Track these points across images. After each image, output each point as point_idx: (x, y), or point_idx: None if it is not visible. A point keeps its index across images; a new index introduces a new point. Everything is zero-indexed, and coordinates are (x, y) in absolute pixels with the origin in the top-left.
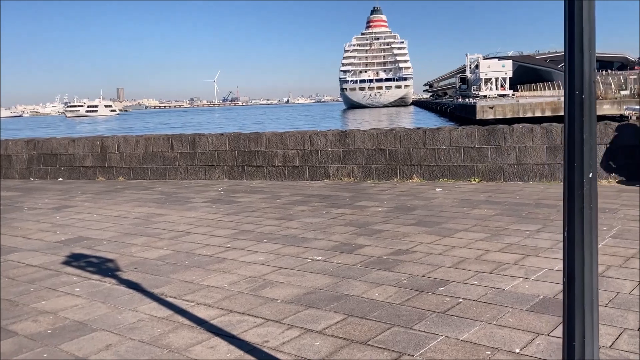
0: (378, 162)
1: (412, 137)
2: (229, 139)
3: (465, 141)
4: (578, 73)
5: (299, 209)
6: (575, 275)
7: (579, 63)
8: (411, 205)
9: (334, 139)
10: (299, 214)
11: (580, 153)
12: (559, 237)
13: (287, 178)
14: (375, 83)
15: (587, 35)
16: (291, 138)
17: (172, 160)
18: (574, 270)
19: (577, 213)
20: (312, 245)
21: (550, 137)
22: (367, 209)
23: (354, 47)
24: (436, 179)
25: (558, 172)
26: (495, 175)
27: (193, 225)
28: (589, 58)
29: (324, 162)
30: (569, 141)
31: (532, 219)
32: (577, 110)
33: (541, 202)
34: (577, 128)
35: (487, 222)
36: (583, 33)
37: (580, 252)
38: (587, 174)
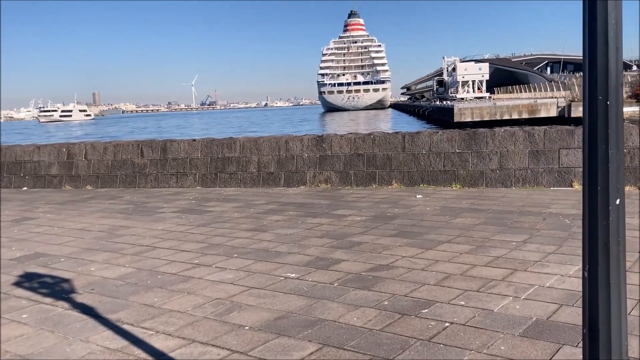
0: (356, 168)
1: (391, 141)
2: (201, 145)
3: (445, 146)
4: (602, 73)
5: (273, 218)
6: (599, 326)
7: (602, 60)
8: (391, 213)
9: (310, 144)
10: (273, 224)
11: (604, 174)
12: (547, 248)
13: (262, 185)
14: (353, 86)
15: (613, 27)
16: (266, 143)
17: (142, 167)
18: (597, 321)
19: (600, 248)
20: (285, 261)
21: (533, 141)
22: (345, 219)
23: (331, 50)
24: (416, 185)
25: (541, 177)
26: (477, 180)
27: (159, 239)
28: (615, 54)
29: (300, 168)
30: (590, 158)
31: (517, 229)
32: (601, 120)
33: (525, 209)
34: (601, 142)
35: (472, 233)
36: (608, 22)
37: (605, 296)
38: (613, 199)
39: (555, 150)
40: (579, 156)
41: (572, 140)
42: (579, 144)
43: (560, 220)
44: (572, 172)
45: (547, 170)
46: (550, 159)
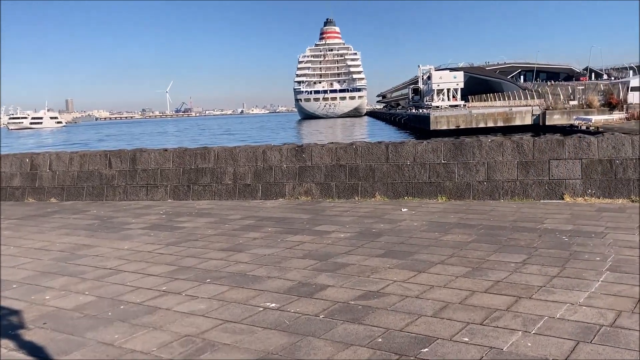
0: (338, 179)
1: (373, 152)
2: (173, 155)
3: (430, 156)
4: None
5: (250, 236)
6: None
7: None
8: (377, 229)
9: (289, 154)
10: (249, 243)
11: None
12: (549, 271)
13: (238, 197)
14: (330, 94)
15: None
16: (242, 153)
17: (110, 179)
18: None
19: None
20: (264, 287)
21: (521, 151)
22: (328, 235)
23: (308, 58)
24: (400, 197)
25: (530, 190)
26: (464, 193)
27: (125, 260)
28: None
29: (278, 180)
30: None
31: (513, 247)
32: None
33: (518, 224)
34: None
35: (465, 252)
36: None
37: None
38: None
39: (545, 161)
40: (569, 167)
41: (563, 151)
42: (569, 154)
43: (558, 238)
44: (563, 184)
45: (536, 182)
46: (540, 170)
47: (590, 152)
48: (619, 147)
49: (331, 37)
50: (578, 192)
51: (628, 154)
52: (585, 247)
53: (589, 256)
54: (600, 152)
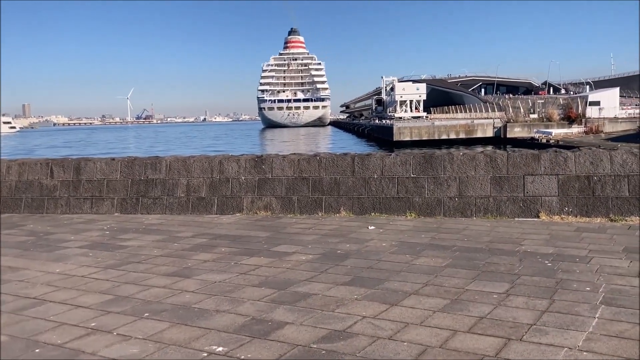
0: (300, 193)
1: (339, 164)
2: (121, 165)
3: (399, 170)
4: None
5: (200, 257)
6: None
7: None
8: (342, 250)
9: (248, 166)
10: (199, 266)
11: None
12: (537, 304)
13: (192, 211)
14: (294, 103)
15: None
16: (197, 164)
17: (52, 189)
18: None
19: None
20: (212, 324)
21: (495, 166)
22: (288, 258)
23: (272, 67)
24: (367, 213)
25: (504, 207)
26: (434, 209)
27: (53, 287)
28: None
29: (236, 193)
30: None
31: (493, 274)
32: None
33: (495, 246)
34: None
35: (441, 279)
36: None
37: None
38: None
39: (519, 176)
40: (545, 183)
41: (538, 166)
42: (545, 170)
43: (540, 262)
44: (539, 201)
45: (511, 198)
46: (515, 186)
47: (567, 167)
48: (597, 162)
49: (295, 47)
50: (554, 210)
51: (606, 170)
52: (571, 275)
53: (578, 285)
54: (578, 167)
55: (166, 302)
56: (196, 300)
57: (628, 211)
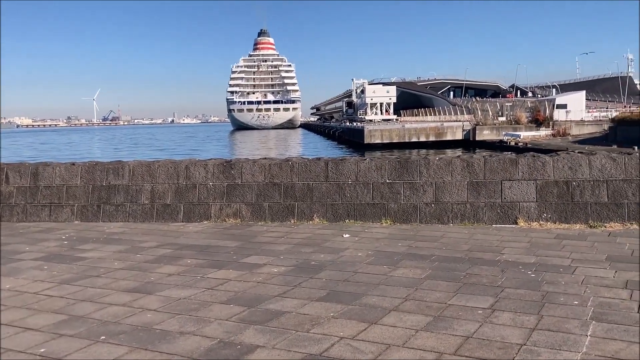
0: (271, 200)
1: (312, 169)
2: (81, 170)
3: (374, 175)
4: None
5: (164, 271)
6: None
7: None
8: (316, 261)
9: (216, 171)
10: (163, 280)
11: None
12: (525, 320)
13: (157, 219)
14: (264, 105)
15: None
16: (162, 169)
17: (7, 196)
18: None
19: None
20: (174, 348)
21: (472, 171)
22: (259, 270)
23: (241, 68)
24: (341, 219)
25: (482, 213)
26: (410, 215)
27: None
28: None
29: (203, 199)
30: None
31: (475, 286)
32: None
33: (474, 255)
34: None
35: (421, 293)
36: None
37: None
38: None
39: (497, 182)
40: (523, 189)
41: (516, 171)
42: (523, 175)
43: (523, 273)
44: (517, 207)
45: (488, 204)
46: (492, 191)
47: (545, 172)
48: (575, 167)
49: (265, 48)
50: (533, 216)
51: (585, 176)
52: (557, 287)
53: (565, 299)
54: (556, 172)
55: (125, 323)
56: (158, 320)
57: (607, 217)
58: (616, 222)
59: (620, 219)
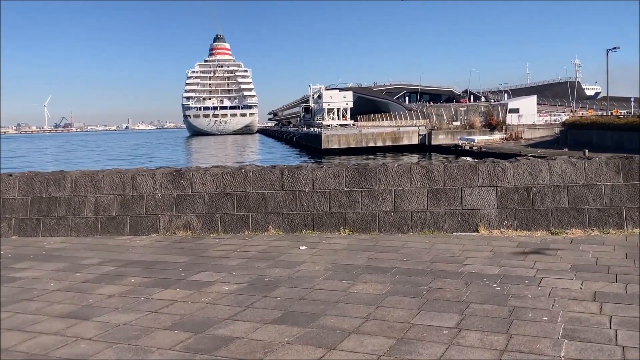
0: (224, 210)
1: (266, 177)
2: (19, 181)
3: (331, 183)
4: None
5: (105, 291)
6: None
7: None
8: (271, 277)
9: (165, 181)
10: (103, 303)
11: None
12: (494, 341)
13: (102, 233)
14: (220, 110)
15: None
16: (106, 179)
17: None
18: None
19: None
20: None
21: (431, 177)
22: (209, 289)
23: (197, 73)
24: (298, 230)
25: (442, 221)
26: (369, 225)
27: None
28: None
29: (151, 211)
30: None
31: (439, 302)
32: None
33: (437, 267)
34: None
35: (383, 311)
36: None
37: None
38: None
39: (457, 188)
40: (484, 196)
41: (476, 178)
42: (483, 181)
43: (488, 286)
44: (477, 214)
45: (448, 212)
46: (452, 199)
47: (506, 178)
48: (535, 173)
49: (221, 53)
50: (494, 224)
51: (546, 181)
52: (524, 301)
53: (534, 314)
54: (516, 178)
55: (55, 356)
56: (93, 351)
57: (568, 224)
58: (577, 229)
59: (582, 226)
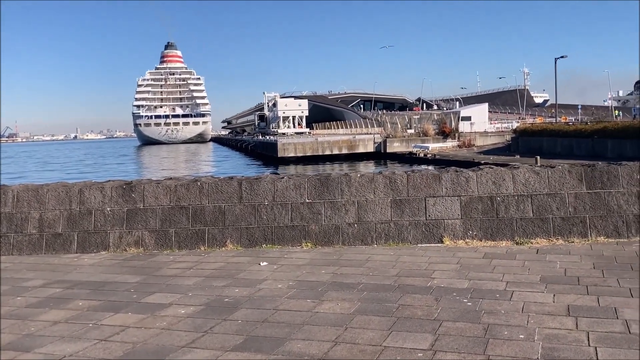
0: (178, 225)
1: (224, 190)
2: None
3: (292, 194)
4: None
5: (49, 317)
6: None
7: None
8: (231, 298)
9: (114, 194)
10: (46, 331)
11: None
12: None
13: (46, 251)
14: (172, 119)
15: None
16: (52, 194)
17: None
18: None
19: None
20: None
21: (395, 188)
22: (163, 312)
23: (147, 81)
24: (258, 244)
25: (406, 232)
26: (332, 237)
27: None
28: None
29: (100, 227)
30: None
31: (411, 320)
32: None
33: (404, 281)
34: None
35: (352, 333)
36: None
37: None
38: None
39: (421, 198)
40: (448, 206)
41: (439, 187)
42: (447, 191)
43: (458, 301)
44: (442, 224)
45: (413, 223)
46: (416, 209)
47: (469, 188)
48: (499, 182)
49: (173, 61)
50: (458, 234)
51: (509, 190)
52: (498, 317)
53: (510, 332)
54: (480, 188)
55: None
56: None
57: (533, 233)
58: (542, 238)
59: (546, 235)
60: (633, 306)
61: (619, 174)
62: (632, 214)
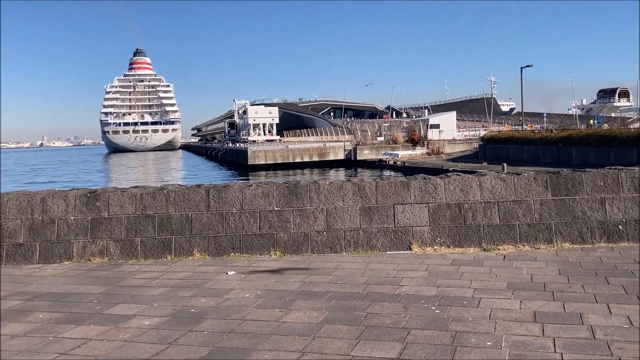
0: (144, 234)
1: (191, 198)
2: None
3: (261, 202)
4: None
5: (7, 331)
6: None
7: None
8: (197, 308)
9: (78, 203)
10: (3, 345)
11: None
12: None
13: (7, 262)
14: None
15: None
16: (12, 203)
17: None
18: None
19: None
20: None
21: (364, 195)
22: (127, 324)
23: (116, 88)
24: (226, 253)
25: (375, 239)
26: (301, 245)
27: None
28: None
29: (63, 237)
30: None
31: (379, 329)
32: None
33: (374, 290)
34: None
35: (320, 343)
36: None
37: None
38: None
39: (389, 206)
40: (416, 213)
41: (408, 194)
42: (415, 198)
43: (426, 309)
44: (410, 232)
45: (381, 230)
46: (385, 216)
47: (437, 195)
48: (466, 189)
49: (141, 68)
50: (426, 241)
51: (477, 197)
52: (465, 324)
53: (477, 340)
54: (448, 195)
55: None
56: None
57: (500, 239)
58: (509, 244)
59: (513, 241)
60: (597, 312)
61: (583, 181)
62: (595, 220)
